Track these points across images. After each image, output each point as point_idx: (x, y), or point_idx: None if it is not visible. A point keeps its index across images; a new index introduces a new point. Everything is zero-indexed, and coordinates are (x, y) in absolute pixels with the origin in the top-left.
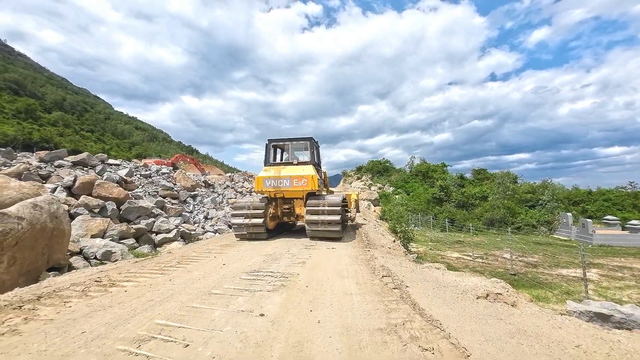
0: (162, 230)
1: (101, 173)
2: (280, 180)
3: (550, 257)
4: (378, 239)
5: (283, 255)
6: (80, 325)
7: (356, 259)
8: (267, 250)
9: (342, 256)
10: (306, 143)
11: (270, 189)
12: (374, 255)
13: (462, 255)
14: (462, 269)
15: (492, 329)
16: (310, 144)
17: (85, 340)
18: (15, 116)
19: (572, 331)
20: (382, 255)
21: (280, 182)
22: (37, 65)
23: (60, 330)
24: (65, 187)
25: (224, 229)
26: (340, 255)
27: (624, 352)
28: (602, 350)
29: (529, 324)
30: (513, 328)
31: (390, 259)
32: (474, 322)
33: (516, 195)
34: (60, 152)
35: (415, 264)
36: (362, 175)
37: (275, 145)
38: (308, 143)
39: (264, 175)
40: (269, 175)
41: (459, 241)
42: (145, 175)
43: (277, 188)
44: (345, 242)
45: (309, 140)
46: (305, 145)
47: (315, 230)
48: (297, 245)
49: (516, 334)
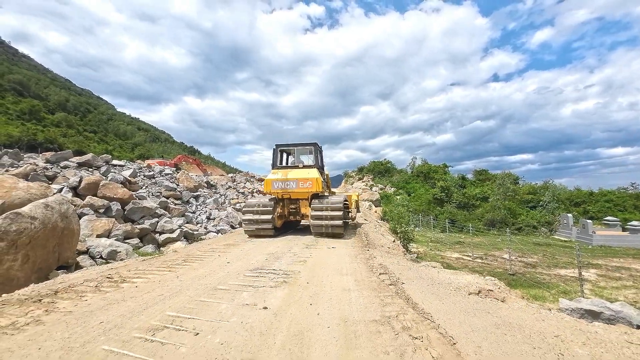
0: (165, 230)
1: (106, 174)
2: (288, 182)
3: (550, 258)
4: (378, 239)
5: (285, 254)
6: (98, 317)
7: (355, 258)
8: (270, 249)
9: (342, 255)
10: (311, 148)
11: (278, 191)
12: (373, 254)
13: (461, 256)
14: (461, 269)
15: (480, 321)
16: (314, 149)
17: (103, 329)
18: (19, 117)
19: (553, 323)
20: (381, 255)
21: (287, 184)
22: (41, 67)
23: (79, 321)
24: (71, 188)
25: (226, 229)
26: (340, 254)
27: (599, 342)
28: (578, 340)
29: (515, 317)
30: (499, 320)
31: (389, 258)
32: (463, 315)
33: (517, 196)
34: (65, 153)
35: (412, 262)
36: (363, 176)
37: (282, 150)
38: (312, 148)
39: (273, 177)
40: (277, 177)
41: (460, 242)
42: (148, 176)
43: (285, 189)
44: (346, 241)
45: (313, 145)
46: (310, 150)
47: (319, 227)
48: (298, 244)
49: (501, 326)
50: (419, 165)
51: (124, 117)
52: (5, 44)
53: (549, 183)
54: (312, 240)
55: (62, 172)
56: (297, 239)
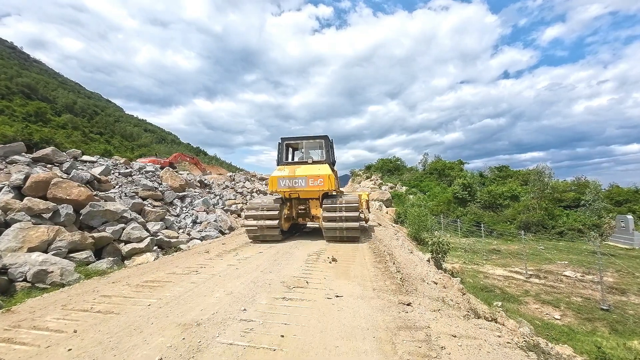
0: (132, 238)
1: (68, 171)
2: (296, 180)
3: (631, 276)
4: (406, 259)
5: (231, 319)
6: None
7: (394, 347)
8: (228, 287)
9: (357, 329)
10: (321, 142)
11: (285, 189)
12: (424, 319)
13: (510, 273)
14: (522, 297)
15: None
16: (325, 142)
17: None
18: (25, 119)
19: None
20: (434, 317)
21: (295, 182)
22: (51, 71)
23: None
24: (13, 187)
25: (213, 235)
26: (353, 319)
27: None
28: None
29: None
30: None
31: (452, 325)
32: None
33: (556, 194)
34: (15, 146)
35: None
36: (371, 174)
37: (289, 144)
38: (323, 141)
39: (278, 174)
40: (283, 174)
41: (495, 250)
42: (124, 173)
43: (292, 188)
44: (362, 274)
45: (323, 138)
46: (319, 144)
47: (333, 230)
48: (274, 283)
49: None
50: (432, 162)
51: (130, 119)
52: (17, 49)
53: (582, 180)
54: (308, 269)
55: (6, 168)
56: (285, 259)
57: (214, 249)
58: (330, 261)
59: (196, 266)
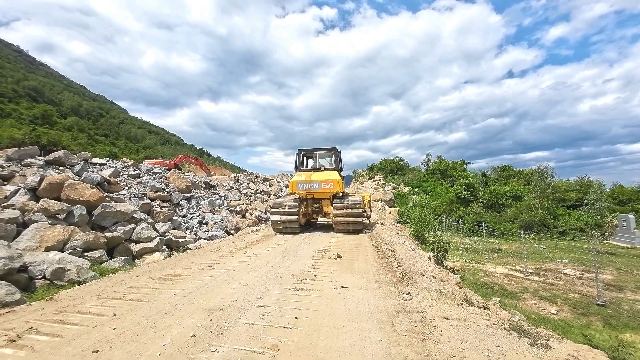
0: (142, 238)
1: (80, 173)
2: (311, 183)
3: (630, 274)
4: (408, 256)
5: (248, 308)
6: None
7: (393, 326)
8: (243, 280)
9: (361, 313)
10: (331, 152)
11: (302, 191)
12: (420, 306)
13: (510, 271)
14: (521, 294)
15: None
16: (334, 153)
17: None
18: (32, 122)
19: None
20: (430, 304)
21: (311, 185)
22: (57, 74)
23: None
24: (29, 189)
25: (219, 235)
26: (358, 305)
27: None
28: None
29: None
30: None
31: (445, 310)
32: None
33: (557, 194)
34: (30, 149)
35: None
36: (374, 175)
37: (305, 155)
38: (333, 152)
39: (297, 179)
40: (301, 179)
41: (497, 249)
42: (133, 175)
43: (308, 190)
44: (365, 269)
45: (333, 150)
46: (330, 154)
47: (342, 224)
48: (284, 276)
49: None
50: (434, 162)
51: (135, 121)
52: (24, 53)
53: (585, 179)
54: (316, 258)
55: (22, 170)
56: (294, 256)
57: (225, 247)
58: (335, 257)
59: (211, 262)
